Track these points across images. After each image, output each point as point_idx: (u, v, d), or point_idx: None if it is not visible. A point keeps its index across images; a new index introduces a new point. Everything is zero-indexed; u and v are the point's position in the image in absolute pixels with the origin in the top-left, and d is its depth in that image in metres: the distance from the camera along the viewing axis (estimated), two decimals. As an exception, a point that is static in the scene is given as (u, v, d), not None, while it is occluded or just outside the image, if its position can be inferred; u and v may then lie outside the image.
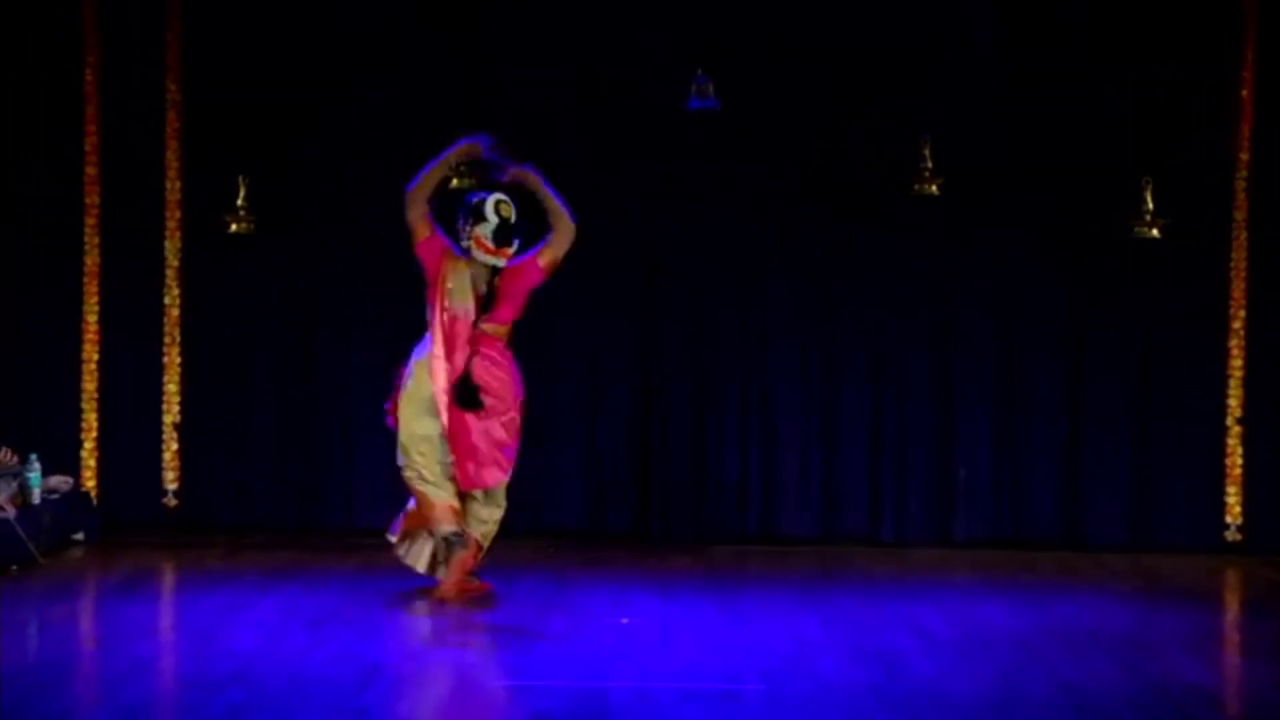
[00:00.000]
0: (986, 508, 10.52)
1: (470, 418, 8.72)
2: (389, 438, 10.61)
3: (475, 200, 8.84)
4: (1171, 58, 10.37)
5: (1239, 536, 10.46)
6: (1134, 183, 10.22)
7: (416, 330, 10.55)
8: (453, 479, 8.74)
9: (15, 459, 9.87)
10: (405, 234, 10.52)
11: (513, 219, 8.82)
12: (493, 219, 8.78)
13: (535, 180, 8.83)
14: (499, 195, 8.84)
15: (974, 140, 10.40)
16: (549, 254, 8.86)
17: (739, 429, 10.55)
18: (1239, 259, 10.44)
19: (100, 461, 10.64)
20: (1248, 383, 10.45)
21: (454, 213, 8.89)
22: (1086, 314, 10.48)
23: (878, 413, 10.54)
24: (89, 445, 10.64)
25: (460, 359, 8.80)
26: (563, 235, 8.84)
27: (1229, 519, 10.47)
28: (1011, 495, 10.52)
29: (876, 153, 10.40)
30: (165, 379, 10.65)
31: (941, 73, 10.40)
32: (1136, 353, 10.47)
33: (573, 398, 10.61)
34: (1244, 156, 10.40)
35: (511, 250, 8.84)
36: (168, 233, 10.62)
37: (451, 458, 8.72)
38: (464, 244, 8.83)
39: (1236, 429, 10.46)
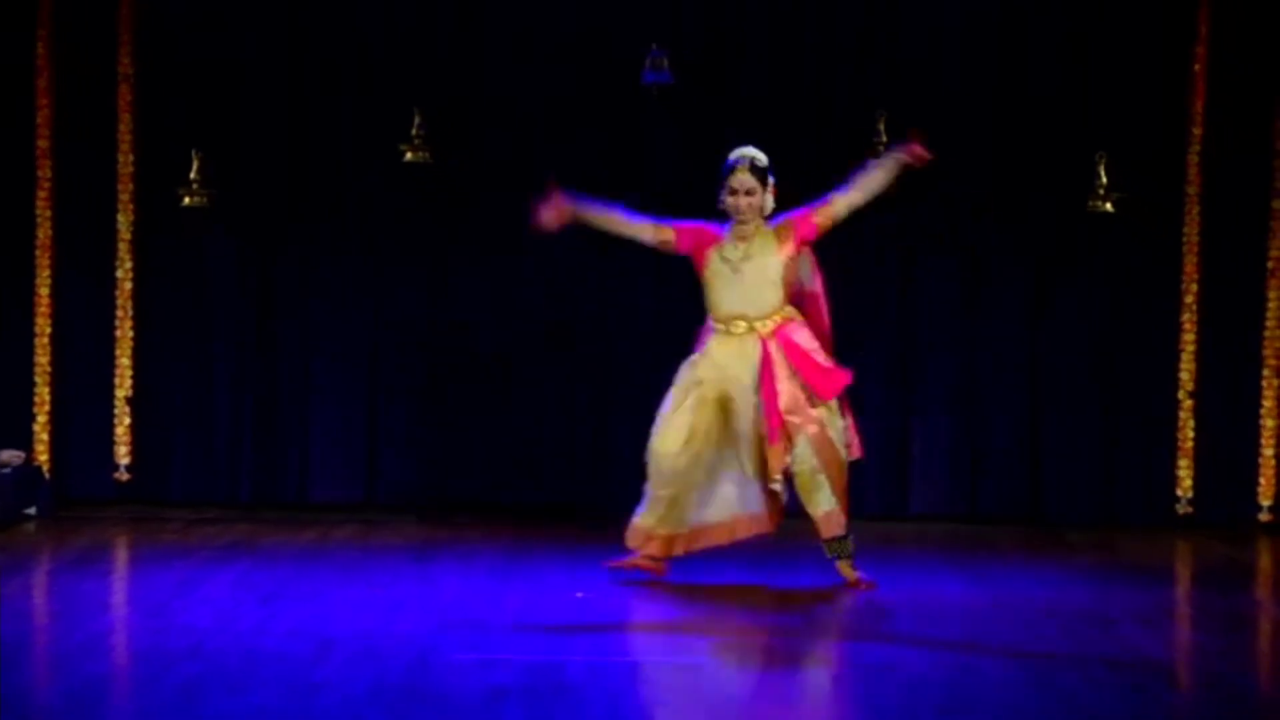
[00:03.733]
0: (943, 482, 10.56)
1: None
2: (345, 412, 10.65)
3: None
4: (1125, 31, 10.41)
5: (1190, 510, 10.52)
6: (1088, 157, 10.27)
7: (373, 301, 10.56)
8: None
9: None
10: (363, 207, 10.58)
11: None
12: None
13: None
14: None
15: (931, 114, 10.42)
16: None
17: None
18: (1191, 233, 10.49)
19: (53, 436, 10.60)
20: (1200, 357, 10.51)
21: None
22: (1044, 288, 10.52)
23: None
24: (42, 419, 10.59)
25: None
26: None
27: (1180, 493, 10.53)
28: (970, 470, 10.55)
29: (843, 135, 10.41)
30: (118, 353, 10.61)
31: (901, 49, 10.43)
32: (1094, 327, 10.52)
33: (538, 373, 10.59)
34: (1196, 131, 10.44)
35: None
36: (120, 206, 10.57)
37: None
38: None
39: (1188, 403, 10.52)
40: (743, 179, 8.51)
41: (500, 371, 10.58)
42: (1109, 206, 10.30)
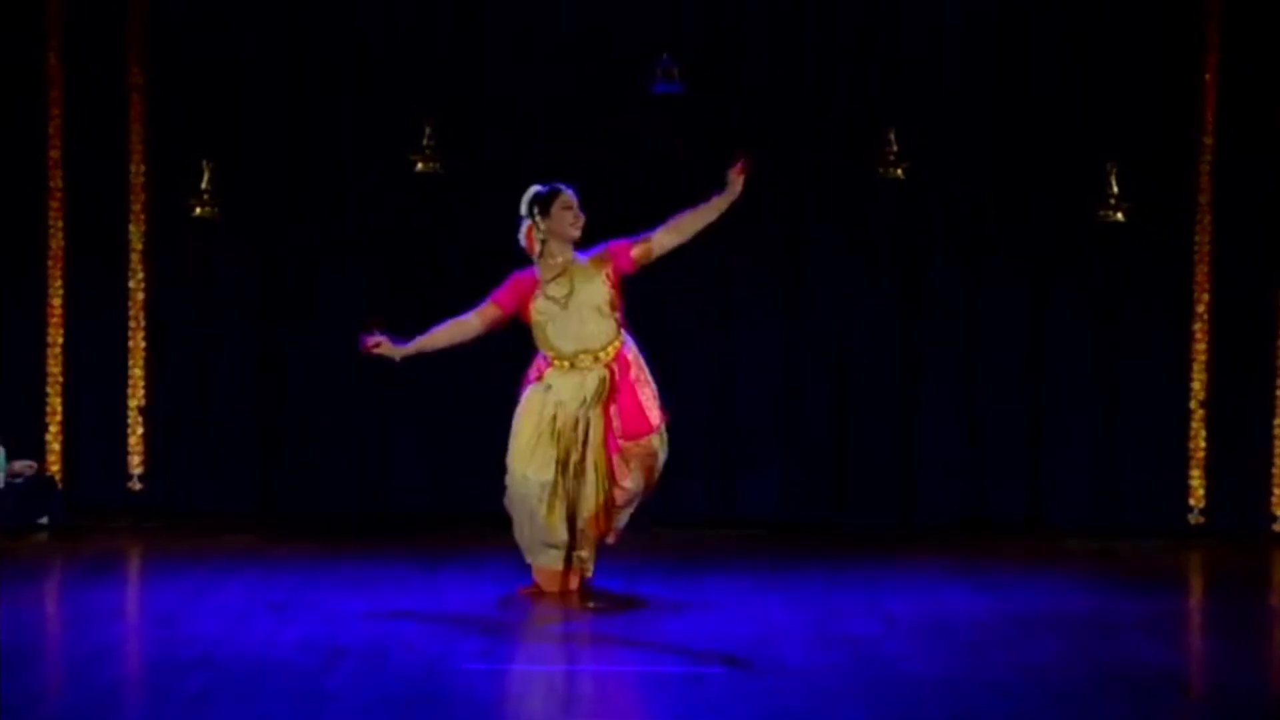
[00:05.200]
0: (950, 490, 10.55)
1: None
2: (353, 422, 10.66)
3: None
4: (1136, 40, 10.40)
5: (1201, 519, 10.50)
6: (1099, 166, 10.26)
7: (382, 310, 10.55)
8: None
9: None
10: (371, 215, 10.59)
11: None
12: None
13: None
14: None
15: (940, 124, 10.43)
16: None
17: (704, 410, 10.53)
18: (1203, 242, 10.48)
19: (65, 446, 10.62)
20: (1211, 366, 10.50)
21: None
22: (1052, 297, 10.51)
23: (842, 394, 10.56)
24: (54, 429, 10.62)
25: None
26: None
27: (1192, 502, 10.51)
28: (975, 478, 10.54)
29: (844, 137, 10.43)
30: (130, 363, 10.64)
31: (901, 49, 10.44)
32: (1101, 336, 10.51)
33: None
34: (1208, 141, 10.44)
35: None
36: (132, 216, 10.60)
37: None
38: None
39: (1199, 412, 10.51)
40: (574, 198, 8.41)
41: (509, 379, 10.56)
42: (1120, 216, 10.28)
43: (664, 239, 8.35)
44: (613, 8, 10.51)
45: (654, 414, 8.36)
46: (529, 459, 8.30)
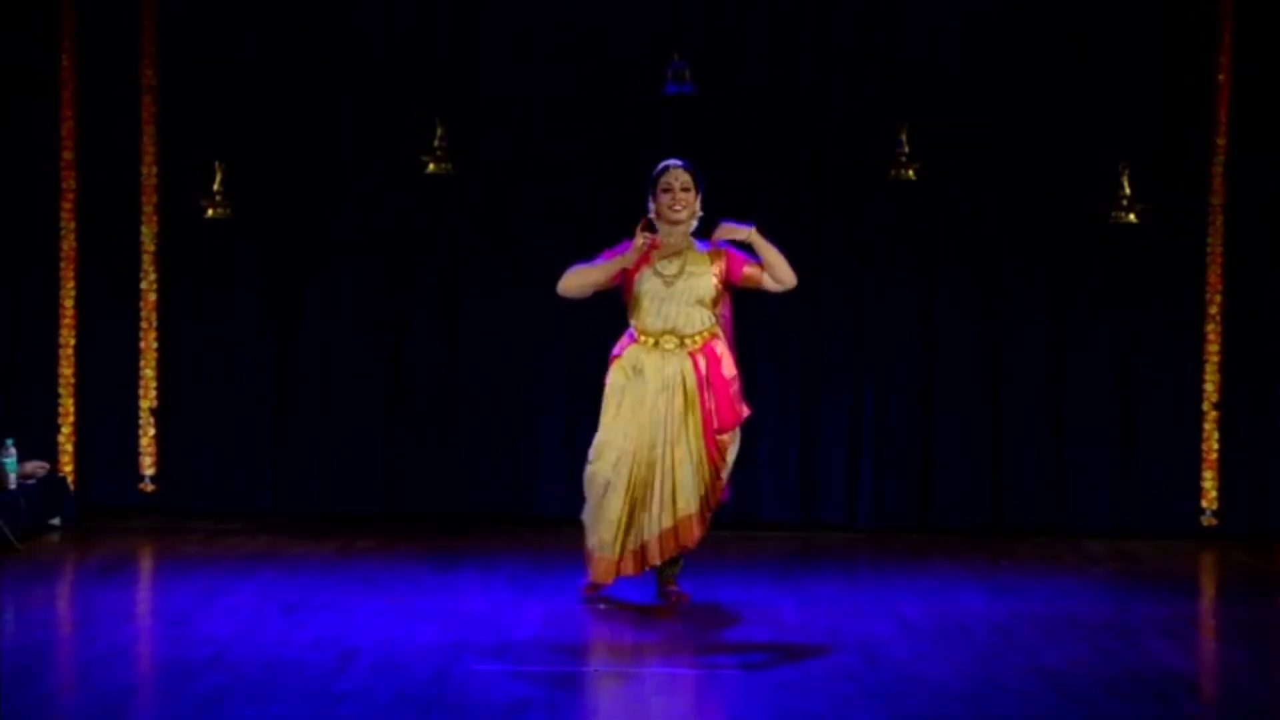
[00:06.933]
0: (965, 493, 10.53)
1: None
2: (365, 423, 10.65)
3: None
4: (1148, 41, 10.39)
5: (1214, 521, 10.48)
6: (1111, 168, 10.24)
7: (394, 312, 10.58)
8: None
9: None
10: (385, 217, 10.60)
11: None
12: None
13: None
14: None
15: (953, 125, 10.41)
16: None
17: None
18: (1215, 244, 10.46)
19: (77, 447, 10.62)
20: (1224, 368, 10.48)
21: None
22: (1065, 299, 10.49)
23: (857, 397, 10.54)
24: (66, 430, 10.61)
25: None
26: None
27: (1205, 504, 10.49)
28: (990, 480, 10.52)
29: (856, 138, 10.42)
30: (142, 364, 10.63)
31: (901, 49, 10.42)
32: (1115, 338, 10.48)
33: (558, 381, 10.56)
34: (1220, 141, 10.41)
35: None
36: (144, 217, 10.60)
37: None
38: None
39: (1213, 414, 10.49)
40: (680, 175, 8.45)
41: (520, 379, 10.58)
42: (1132, 218, 10.25)
43: (766, 281, 8.41)
44: (613, 8, 10.49)
45: (742, 408, 8.40)
46: (607, 438, 8.31)
